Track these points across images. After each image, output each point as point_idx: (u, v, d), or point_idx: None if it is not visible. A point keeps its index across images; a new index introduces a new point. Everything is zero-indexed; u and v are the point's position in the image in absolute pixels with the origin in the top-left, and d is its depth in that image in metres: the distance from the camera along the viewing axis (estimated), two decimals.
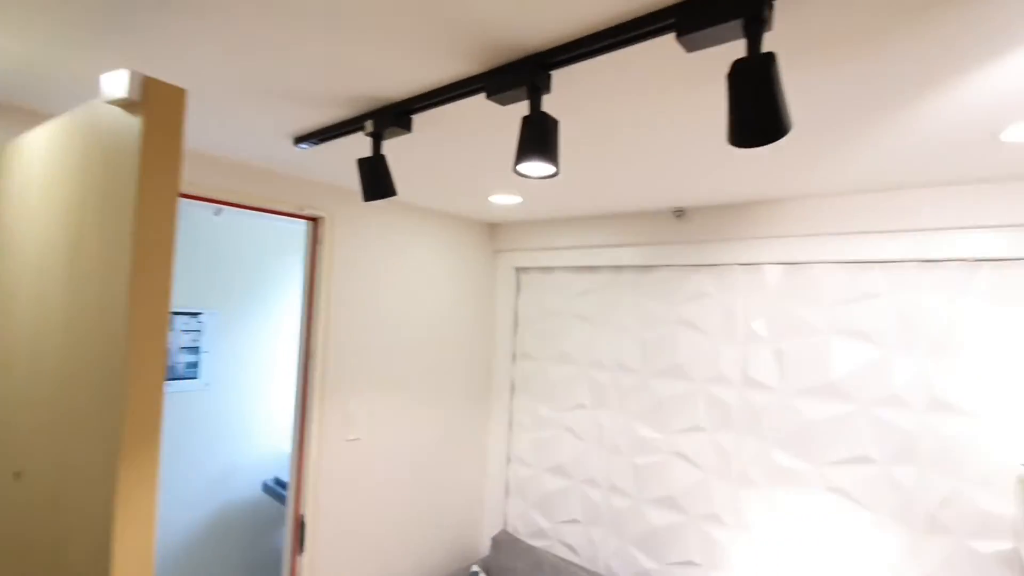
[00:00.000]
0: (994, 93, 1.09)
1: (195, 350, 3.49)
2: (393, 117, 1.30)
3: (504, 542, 2.79)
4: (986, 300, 1.73)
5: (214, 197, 1.96)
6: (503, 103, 1.10)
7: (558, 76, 1.10)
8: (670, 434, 2.42)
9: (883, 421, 1.90)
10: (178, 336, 3.45)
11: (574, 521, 2.74)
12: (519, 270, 3.09)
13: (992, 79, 1.03)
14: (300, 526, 2.22)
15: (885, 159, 1.54)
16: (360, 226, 2.41)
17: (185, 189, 1.87)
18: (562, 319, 2.86)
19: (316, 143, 1.56)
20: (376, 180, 1.36)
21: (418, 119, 1.37)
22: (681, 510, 2.37)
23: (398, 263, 2.59)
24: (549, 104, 1.25)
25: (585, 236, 2.71)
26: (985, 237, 1.71)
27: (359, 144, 1.63)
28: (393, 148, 1.65)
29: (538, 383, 2.94)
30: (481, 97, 1.16)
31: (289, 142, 1.65)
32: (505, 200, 2.38)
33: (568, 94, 1.20)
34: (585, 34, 0.95)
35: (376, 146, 1.38)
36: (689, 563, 2.33)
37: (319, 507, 2.27)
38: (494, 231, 3.10)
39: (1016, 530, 1.65)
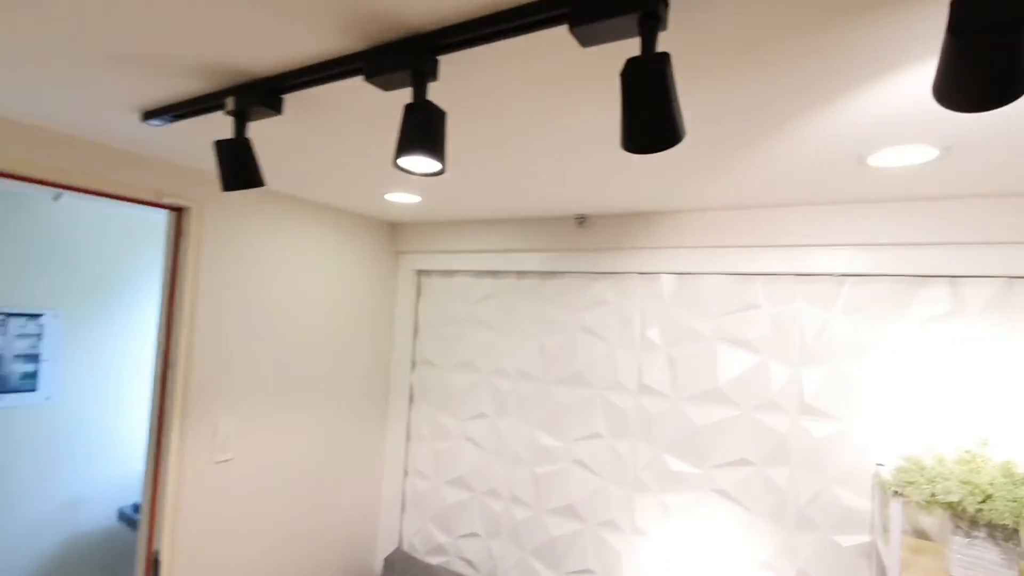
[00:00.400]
0: (863, 119, 1.15)
1: (34, 358, 2.97)
2: (259, 95, 1.12)
3: (398, 562, 2.63)
4: (849, 313, 1.88)
5: (50, 179, 1.63)
6: (386, 87, 0.98)
7: (448, 64, 1.00)
8: (570, 442, 2.41)
9: (761, 424, 2.01)
10: (10, 342, 2.91)
11: (474, 535, 2.65)
12: (420, 273, 2.95)
13: (862, 105, 1.08)
14: (153, 565, 1.92)
15: (767, 177, 1.61)
16: (238, 220, 2.15)
17: (11, 167, 1.54)
18: (464, 325, 2.76)
19: (170, 120, 1.33)
20: (237, 167, 1.18)
21: (292, 101, 1.20)
22: (579, 518, 2.36)
23: (285, 262, 2.35)
24: (439, 95, 1.15)
25: (488, 240, 2.63)
26: (849, 255, 1.86)
27: (229, 125, 1.42)
28: (268, 133, 1.46)
29: (439, 391, 2.81)
30: (362, 80, 1.03)
31: (136, 117, 1.40)
32: (402, 199, 2.24)
33: (461, 87, 1.10)
34: (474, 16, 0.86)
35: (239, 127, 1.19)
36: (586, 571, 2.32)
37: (178, 541, 1.97)
38: (395, 231, 2.94)
39: (873, 524, 1.79)
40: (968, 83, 0.57)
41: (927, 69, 0.93)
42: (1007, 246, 1.65)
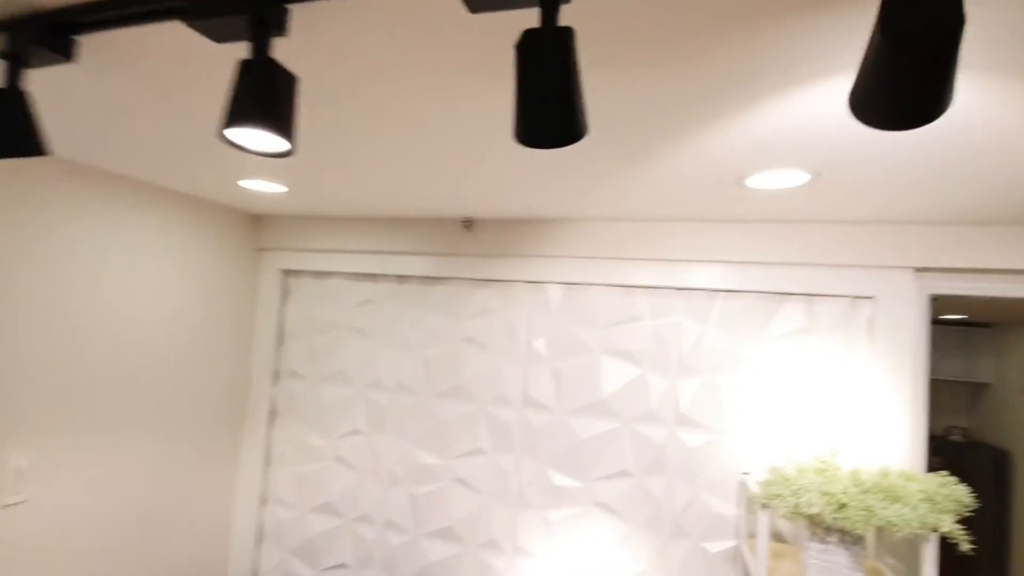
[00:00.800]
0: (743, 140, 1.15)
1: None
2: (41, 33, 0.84)
3: None
4: (721, 326, 1.96)
5: None
6: (215, 37, 0.77)
7: (305, 18, 0.81)
8: (451, 459, 2.26)
9: (641, 436, 2.02)
10: None
11: (342, 566, 2.39)
12: (287, 273, 2.62)
13: (742, 126, 1.08)
14: None
15: (656, 192, 1.60)
16: (36, 200, 1.71)
17: None
18: (338, 333, 2.49)
19: None
20: (7, 128, 0.88)
21: (90, 45, 0.93)
22: (460, 541, 2.22)
23: (110, 257, 1.93)
24: (296, 60, 0.95)
25: (367, 240, 2.40)
26: (722, 271, 1.93)
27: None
28: (60, 86, 1.14)
29: (307, 407, 2.51)
30: (184, 26, 0.80)
31: None
32: (263, 187, 1.95)
33: (326, 52, 0.91)
34: None
35: (12, 76, 0.89)
36: None
37: None
38: (258, 224, 2.59)
39: (738, 529, 1.87)
40: (891, 94, 0.53)
41: (808, 92, 0.93)
42: (853, 269, 1.81)
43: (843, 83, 0.89)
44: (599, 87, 0.96)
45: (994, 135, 1.04)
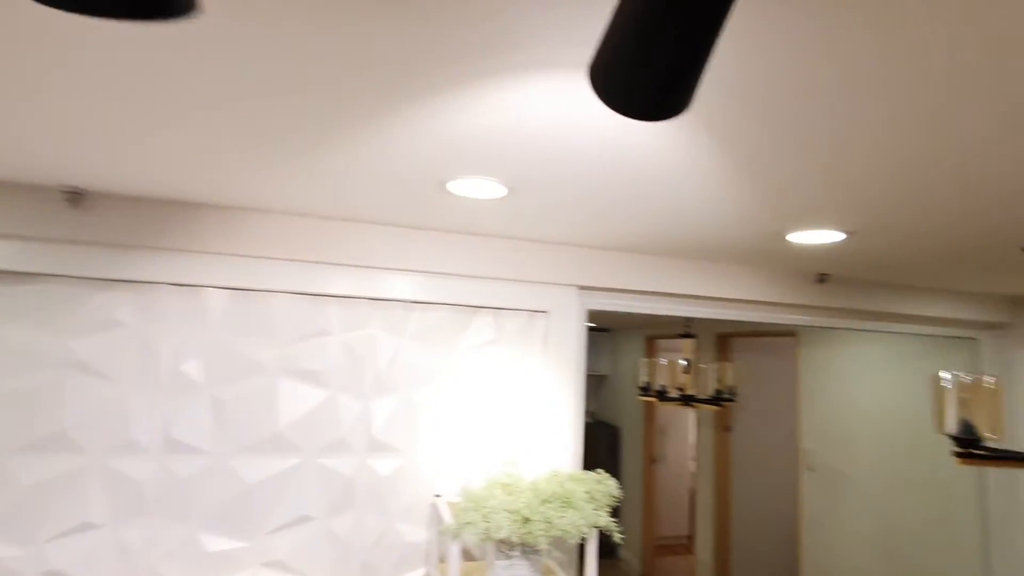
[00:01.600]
0: (445, 141, 1.04)
1: None
2: None
3: None
4: (417, 340, 1.86)
5: None
6: None
7: None
8: (41, 544, 1.51)
9: (327, 470, 1.74)
10: None
11: None
12: None
13: (444, 127, 0.96)
14: None
15: (352, 185, 1.37)
16: None
17: None
18: None
19: None
20: None
21: None
22: None
23: None
24: None
25: None
26: (419, 281, 1.84)
27: None
28: None
29: None
30: None
31: None
32: None
33: None
34: None
35: None
36: None
37: None
38: None
39: (428, 555, 1.77)
40: (638, 73, 0.44)
41: (508, 99, 0.86)
42: (534, 285, 1.96)
43: (550, 87, 0.85)
44: (264, 39, 0.68)
45: (660, 176, 1.20)
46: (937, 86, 0.77)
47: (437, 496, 1.70)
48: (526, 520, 1.28)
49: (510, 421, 1.90)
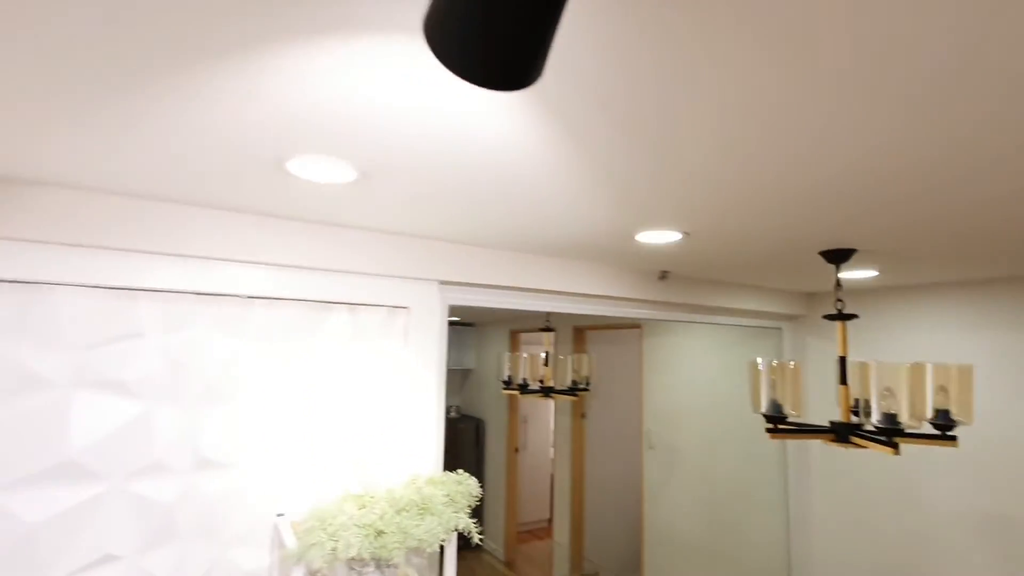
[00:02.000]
0: (277, 112, 0.91)
1: None
2: None
3: None
4: (260, 340, 1.65)
5: None
6: None
7: None
8: None
9: (139, 498, 1.46)
10: None
11: None
12: None
13: (274, 93, 0.84)
14: None
15: (162, 154, 1.15)
16: None
17: None
18: None
19: None
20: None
21: None
22: None
23: None
24: None
25: None
26: (263, 274, 1.63)
27: None
28: None
29: None
30: None
31: None
32: None
33: None
34: None
35: None
36: None
37: None
38: None
39: None
40: (474, 25, 0.38)
41: (343, 68, 0.77)
42: (393, 279, 1.85)
43: (395, 61, 0.77)
44: None
45: (521, 174, 1.18)
46: (757, 105, 0.85)
47: (280, 515, 1.52)
48: (379, 533, 1.19)
49: (368, 426, 1.78)
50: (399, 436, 1.82)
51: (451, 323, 6.39)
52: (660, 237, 1.74)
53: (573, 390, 3.33)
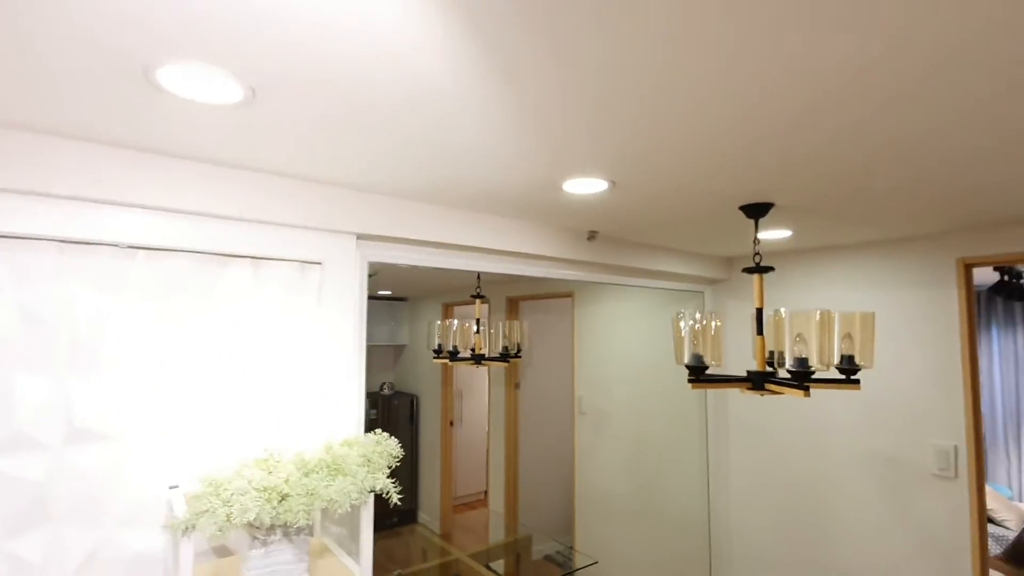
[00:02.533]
0: (145, 6, 0.75)
1: None
2: None
3: None
4: (141, 297, 1.45)
5: None
6: None
7: None
8: None
9: (2, 475, 1.26)
10: None
11: None
12: None
13: None
14: None
15: (12, 63, 0.95)
16: None
17: None
18: None
19: None
20: None
21: None
22: None
23: None
24: None
25: None
26: (142, 219, 1.43)
27: None
28: None
29: None
30: None
31: None
32: None
33: None
34: None
35: None
36: None
37: None
38: None
39: (167, 562, 1.43)
40: None
41: None
42: (303, 231, 1.70)
43: None
44: None
45: (438, 102, 1.07)
46: (695, 42, 0.79)
47: (173, 487, 1.37)
48: (284, 497, 1.08)
49: (277, 389, 1.64)
50: (314, 400, 1.69)
51: (382, 298, 6.17)
52: (587, 186, 1.70)
53: (504, 356, 3.29)
